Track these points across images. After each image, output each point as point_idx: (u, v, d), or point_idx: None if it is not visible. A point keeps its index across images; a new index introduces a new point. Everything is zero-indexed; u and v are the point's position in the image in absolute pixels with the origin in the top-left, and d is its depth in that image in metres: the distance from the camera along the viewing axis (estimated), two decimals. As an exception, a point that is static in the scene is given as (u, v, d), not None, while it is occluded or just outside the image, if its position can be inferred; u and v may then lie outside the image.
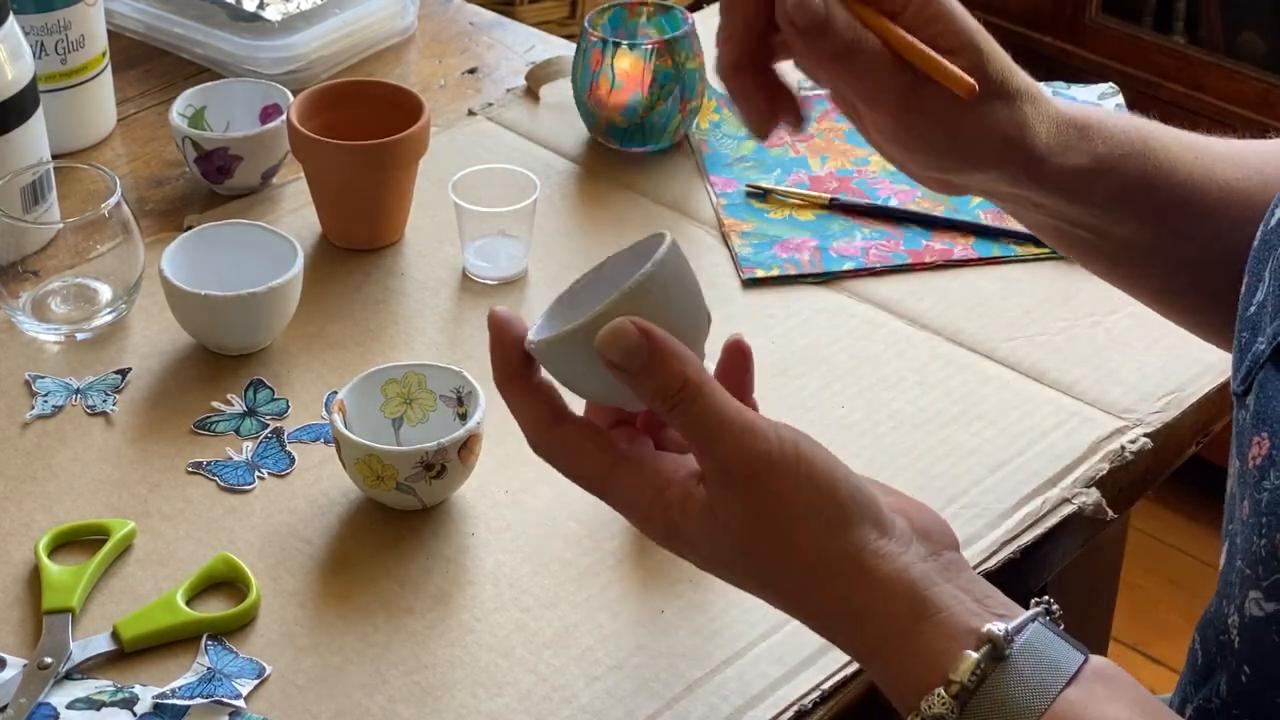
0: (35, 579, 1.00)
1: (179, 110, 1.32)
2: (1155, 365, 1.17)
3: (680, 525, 0.78)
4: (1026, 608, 0.76)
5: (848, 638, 0.77)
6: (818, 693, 0.94)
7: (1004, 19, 2.30)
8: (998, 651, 0.72)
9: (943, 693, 0.72)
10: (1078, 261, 0.99)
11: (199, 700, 0.92)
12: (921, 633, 0.74)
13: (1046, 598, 0.77)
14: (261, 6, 1.49)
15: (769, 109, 0.88)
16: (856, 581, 0.75)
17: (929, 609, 0.74)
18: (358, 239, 1.28)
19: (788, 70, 0.90)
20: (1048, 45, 2.33)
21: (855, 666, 0.95)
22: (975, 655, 0.72)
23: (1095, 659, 0.75)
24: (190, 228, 1.25)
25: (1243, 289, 0.83)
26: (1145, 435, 1.11)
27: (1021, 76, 0.87)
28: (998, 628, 0.73)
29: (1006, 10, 2.33)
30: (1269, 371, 0.77)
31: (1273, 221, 0.82)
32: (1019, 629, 0.73)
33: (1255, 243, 0.83)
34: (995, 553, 1.02)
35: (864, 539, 0.75)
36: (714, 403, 0.75)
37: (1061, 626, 0.77)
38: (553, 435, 0.80)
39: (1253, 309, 0.81)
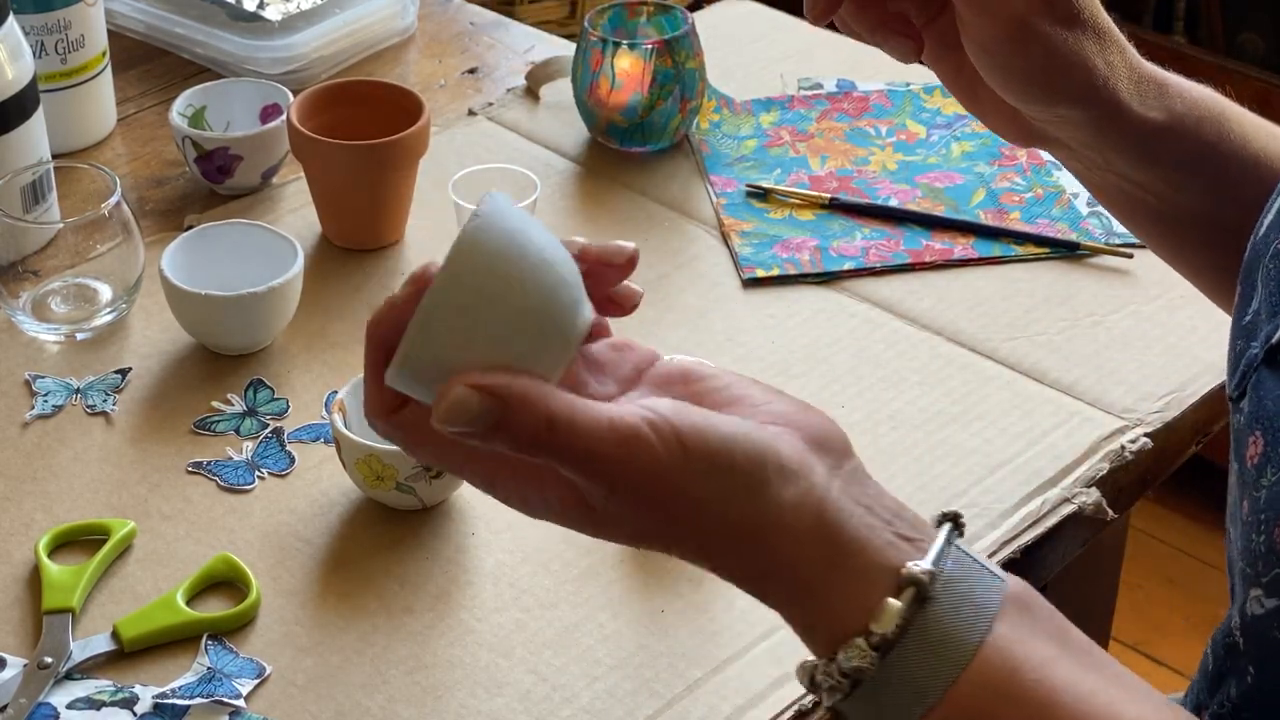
0: (35, 579, 1.00)
1: (179, 110, 1.32)
2: (1155, 365, 1.17)
3: (568, 522, 0.72)
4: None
5: (763, 595, 0.71)
6: (818, 693, 0.94)
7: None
8: (922, 593, 0.66)
9: (862, 643, 0.67)
10: (1137, 232, 0.98)
11: (199, 700, 0.92)
12: (839, 580, 0.68)
13: (952, 510, 0.71)
14: (261, 6, 1.49)
15: (905, 32, 0.89)
16: (772, 543, 0.68)
17: (845, 552, 0.68)
18: (358, 239, 1.28)
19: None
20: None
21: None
22: (898, 604, 0.66)
23: (1010, 583, 0.70)
24: (190, 228, 1.25)
25: (1236, 299, 0.83)
26: (1145, 435, 1.11)
27: (1109, 21, 0.88)
28: (920, 567, 0.67)
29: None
30: (1263, 373, 0.77)
31: (1261, 231, 0.82)
32: (939, 559, 0.67)
33: (1246, 254, 0.83)
34: (995, 553, 1.02)
35: (775, 499, 0.68)
36: (583, 429, 0.66)
37: (962, 530, 0.71)
38: (389, 420, 0.72)
39: (1248, 318, 0.81)
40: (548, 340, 0.67)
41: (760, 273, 1.25)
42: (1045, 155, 1.38)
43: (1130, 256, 1.27)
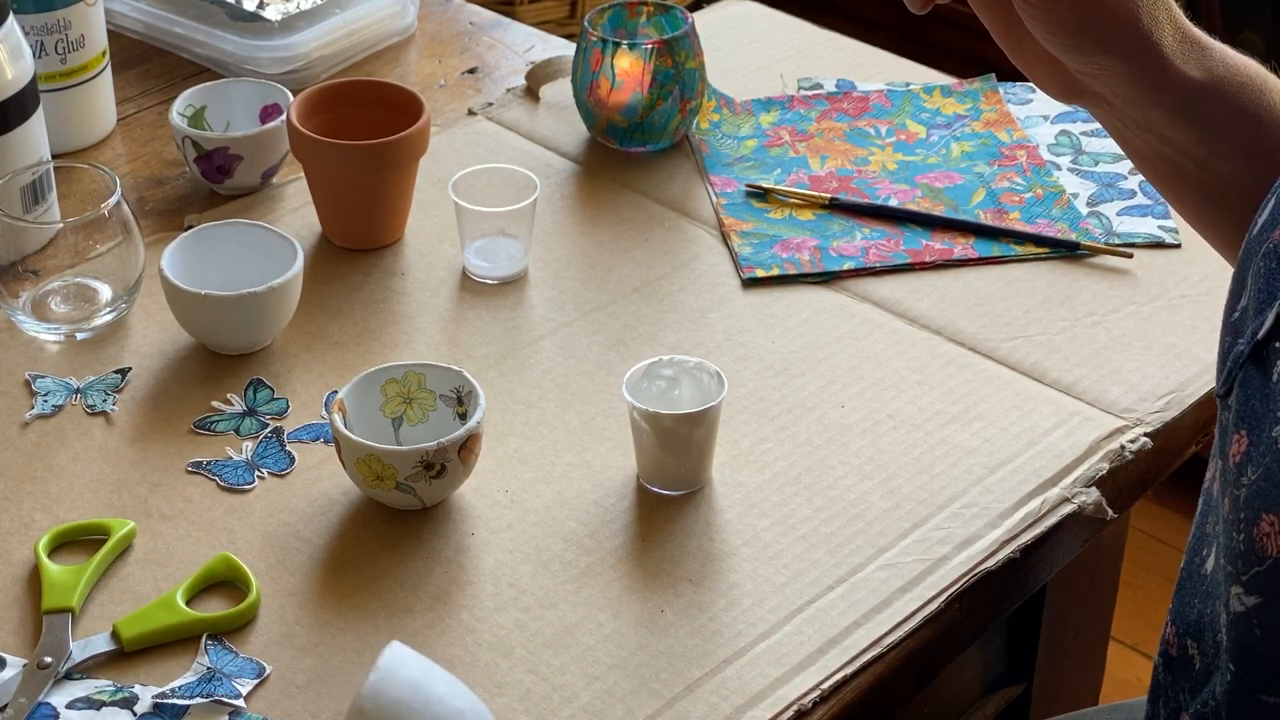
0: (35, 579, 1.00)
1: (179, 110, 1.32)
2: (1155, 365, 1.17)
3: None
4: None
5: None
6: (818, 693, 0.94)
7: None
8: None
9: None
10: (1173, 201, 0.98)
11: (199, 700, 0.92)
12: None
13: None
14: (261, 6, 1.49)
15: None
16: None
17: None
18: (358, 239, 1.28)
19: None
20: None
21: (855, 666, 0.95)
22: None
23: None
24: (190, 227, 1.25)
25: (1228, 296, 0.83)
26: (1145, 435, 1.11)
27: None
28: None
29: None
30: (1249, 370, 0.77)
31: (1255, 230, 0.82)
32: None
33: (1240, 250, 0.83)
34: (995, 553, 1.02)
35: None
36: None
37: None
38: None
39: (1236, 314, 0.81)
40: None
41: (760, 273, 1.25)
42: (1045, 155, 1.38)
43: (1130, 256, 1.27)
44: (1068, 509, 1.06)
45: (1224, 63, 0.90)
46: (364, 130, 1.25)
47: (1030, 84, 1.28)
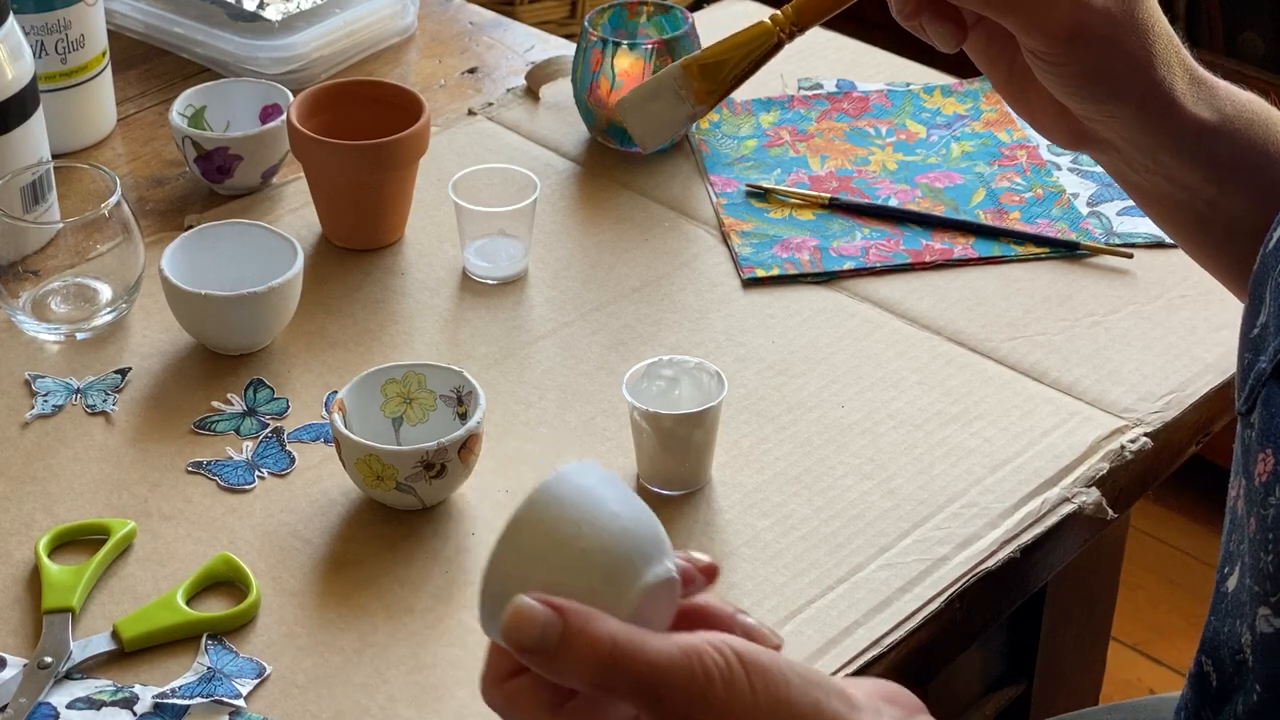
0: (35, 579, 1.00)
1: (179, 110, 1.32)
2: (1155, 365, 1.17)
3: None
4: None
5: None
6: (818, 693, 0.94)
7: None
8: None
9: None
10: (1179, 239, 0.97)
11: (199, 700, 0.92)
12: None
13: None
14: (261, 6, 1.49)
15: (954, 27, 0.88)
16: None
17: None
18: (358, 239, 1.28)
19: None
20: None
21: (855, 666, 0.95)
22: None
23: None
24: (190, 227, 1.25)
25: (1244, 312, 0.83)
26: (1145, 435, 1.11)
27: (1164, 22, 0.88)
28: None
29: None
30: (1272, 388, 0.76)
31: (1270, 244, 0.82)
32: None
33: (1256, 266, 0.83)
34: (995, 553, 1.02)
35: (836, 714, 0.69)
36: (652, 651, 0.66)
37: None
38: (501, 688, 0.70)
39: (1255, 330, 0.80)
40: (613, 585, 0.67)
41: (760, 273, 1.25)
42: (1045, 155, 1.38)
43: (1130, 256, 1.27)
44: (1068, 509, 1.06)
45: (1231, 101, 0.90)
46: (364, 130, 1.25)
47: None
